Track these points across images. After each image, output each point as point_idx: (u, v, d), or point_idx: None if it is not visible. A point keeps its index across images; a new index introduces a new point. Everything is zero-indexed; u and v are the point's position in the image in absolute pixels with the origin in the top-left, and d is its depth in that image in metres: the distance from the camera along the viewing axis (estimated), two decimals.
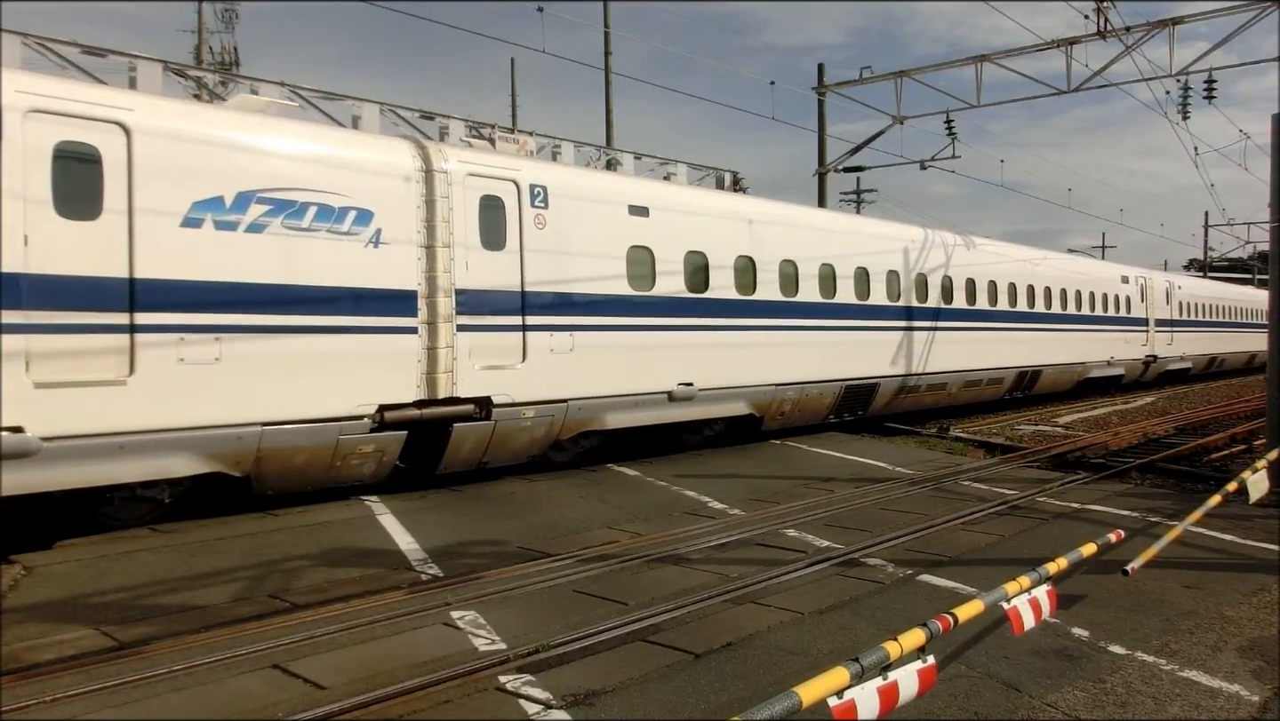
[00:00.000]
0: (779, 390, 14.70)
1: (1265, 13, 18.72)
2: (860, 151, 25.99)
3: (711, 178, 16.26)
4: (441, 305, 10.16)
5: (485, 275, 10.62)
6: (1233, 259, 63.09)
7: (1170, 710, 5.06)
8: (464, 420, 10.40)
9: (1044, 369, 22.50)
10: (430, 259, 10.12)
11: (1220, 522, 9.26)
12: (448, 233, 10.26)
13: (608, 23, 23.82)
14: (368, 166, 9.77)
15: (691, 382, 13.05)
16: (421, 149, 10.32)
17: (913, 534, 9.10)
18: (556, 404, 11.32)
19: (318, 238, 9.24)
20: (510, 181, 10.99)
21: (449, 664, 5.50)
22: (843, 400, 16.24)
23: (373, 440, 9.66)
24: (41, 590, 7.01)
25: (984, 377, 20.31)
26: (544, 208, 11.29)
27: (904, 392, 17.89)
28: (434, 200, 10.18)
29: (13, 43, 8.78)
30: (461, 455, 10.66)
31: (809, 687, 3.23)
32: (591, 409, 11.82)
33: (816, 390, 15.55)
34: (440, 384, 10.13)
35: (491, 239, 10.73)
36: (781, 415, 15.08)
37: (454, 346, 10.24)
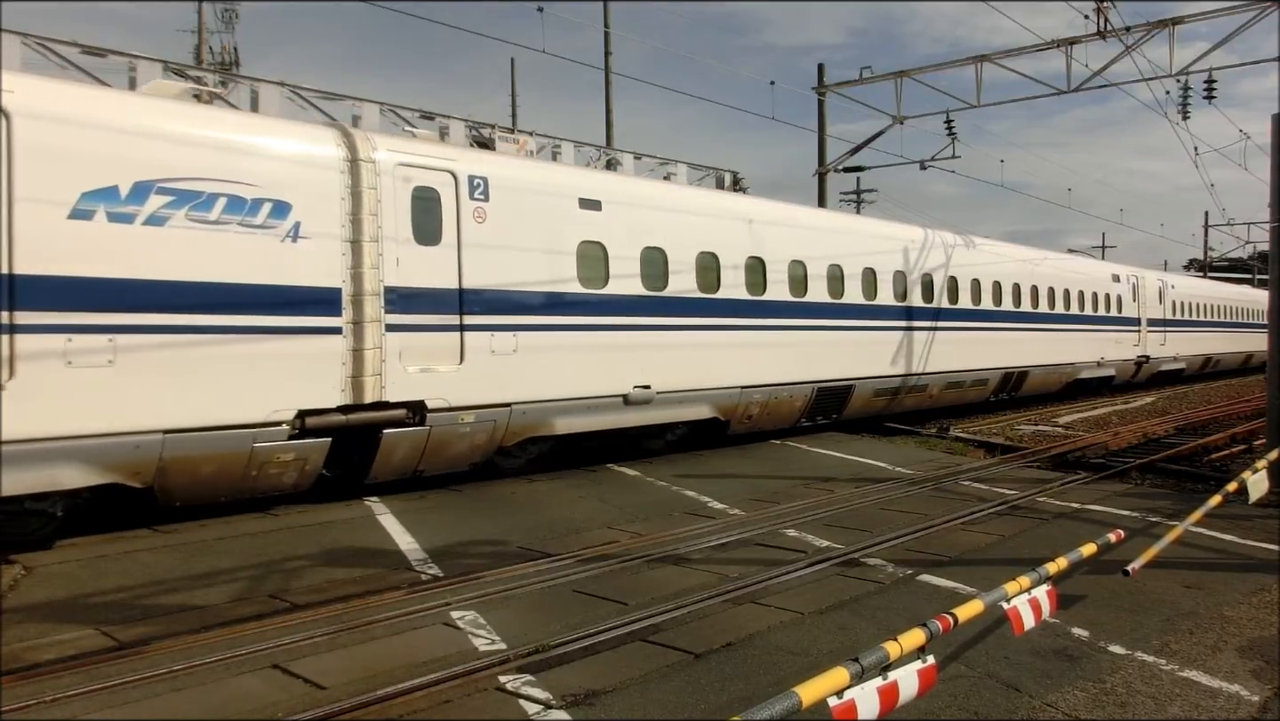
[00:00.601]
0: (745, 392, 14.10)
1: (1265, 13, 18.72)
2: (860, 151, 26.02)
3: (711, 177, 16.25)
4: (368, 304, 9.55)
5: (418, 272, 10.02)
6: (1233, 259, 63.12)
7: (1170, 710, 5.06)
8: (395, 426, 9.79)
9: (1031, 370, 22.00)
10: (356, 254, 9.51)
11: (1220, 522, 9.26)
12: (375, 226, 9.64)
13: (608, 23, 23.83)
14: (286, 155, 9.16)
15: (649, 385, 12.44)
16: (347, 137, 9.73)
17: (913, 534, 9.10)
18: (499, 408, 10.71)
19: (227, 231, 8.60)
20: (446, 172, 10.38)
21: (449, 664, 5.50)
22: (815, 403, 15.63)
23: (292, 448, 9.05)
24: (41, 590, 7.01)
25: (967, 379, 19.82)
26: (484, 200, 10.68)
27: (881, 395, 17.33)
28: (360, 192, 9.54)
29: (13, 43, 8.78)
30: (394, 463, 10.03)
31: (809, 687, 3.23)
32: (538, 413, 11.20)
33: (786, 392, 14.91)
34: (367, 387, 9.52)
35: (425, 233, 10.13)
36: (749, 419, 14.48)
37: (382, 348, 9.63)
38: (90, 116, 8.01)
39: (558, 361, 11.37)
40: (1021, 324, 21.61)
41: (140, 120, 8.31)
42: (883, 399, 17.49)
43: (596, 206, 12.01)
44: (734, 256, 13.94)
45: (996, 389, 21.15)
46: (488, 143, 12.58)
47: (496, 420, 10.74)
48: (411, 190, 10.05)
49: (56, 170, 7.73)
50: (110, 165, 8.01)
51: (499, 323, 10.74)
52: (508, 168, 11.25)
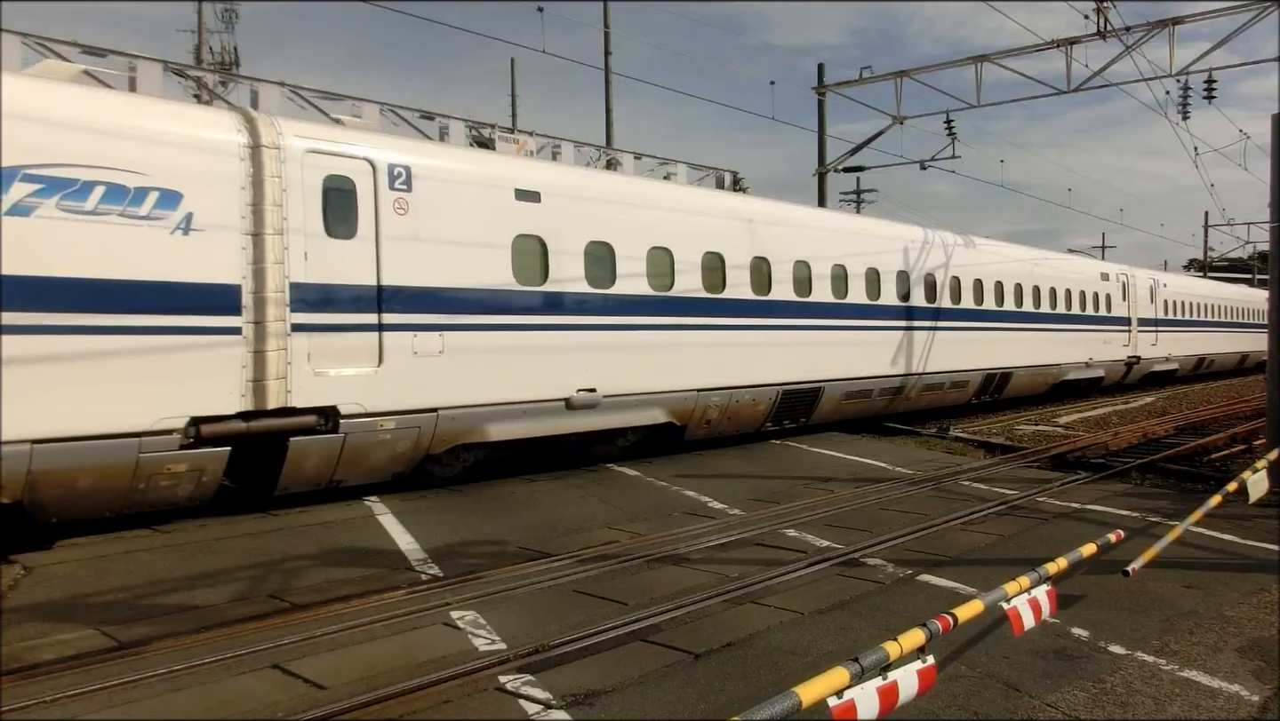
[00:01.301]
0: (702, 396, 13.38)
1: (1265, 13, 18.74)
2: (860, 151, 26.04)
3: (711, 177, 16.26)
4: (272, 301, 8.87)
5: (330, 267, 9.35)
6: (1233, 259, 63.10)
7: (1170, 710, 5.06)
8: (304, 433, 9.14)
9: (1015, 371, 21.28)
10: (258, 248, 8.82)
11: (1220, 522, 9.26)
12: (280, 218, 8.95)
13: (608, 23, 23.84)
14: (176, 140, 8.42)
15: (594, 388, 11.74)
16: (249, 121, 9.05)
17: (913, 534, 9.09)
18: (423, 413, 10.03)
19: (107, 223, 7.92)
20: (363, 160, 9.71)
21: (449, 664, 5.50)
22: (779, 406, 14.86)
23: (185, 458, 8.36)
24: (41, 590, 7.01)
25: (946, 381, 19.09)
26: (406, 190, 9.99)
27: (853, 398, 16.57)
28: (263, 180, 8.87)
29: (13, 43, 8.79)
30: (304, 473, 9.40)
31: (809, 687, 3.23)
32: (469, 419, 10.51)
33: (748, 395, 14.14)
34: (271, 392, 8.84)
35: (339, 225, 9.45)
36: (707, 423, 13.77)
37: (288, 349, 8.95)
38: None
39: (491, 363, 10.68)
40: (1004, 323, 20.96)
41: (3, 100, 7.57)
42: (854, 402, 16.79)
43: (535, 198, 11.28)
44: (691, 253, 13.30)
45: (978, 391, 20.57)
46: (488, 143, 12.60)
47: (421, 426, 10.06)
48: (323, 179, 9.38)
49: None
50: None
51: (423, 322, 10.07)
52: (433, 156, 10.58)
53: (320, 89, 11.35)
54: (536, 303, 11.24)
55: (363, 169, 9.71)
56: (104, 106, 8.21)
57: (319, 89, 11.33)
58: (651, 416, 12.76)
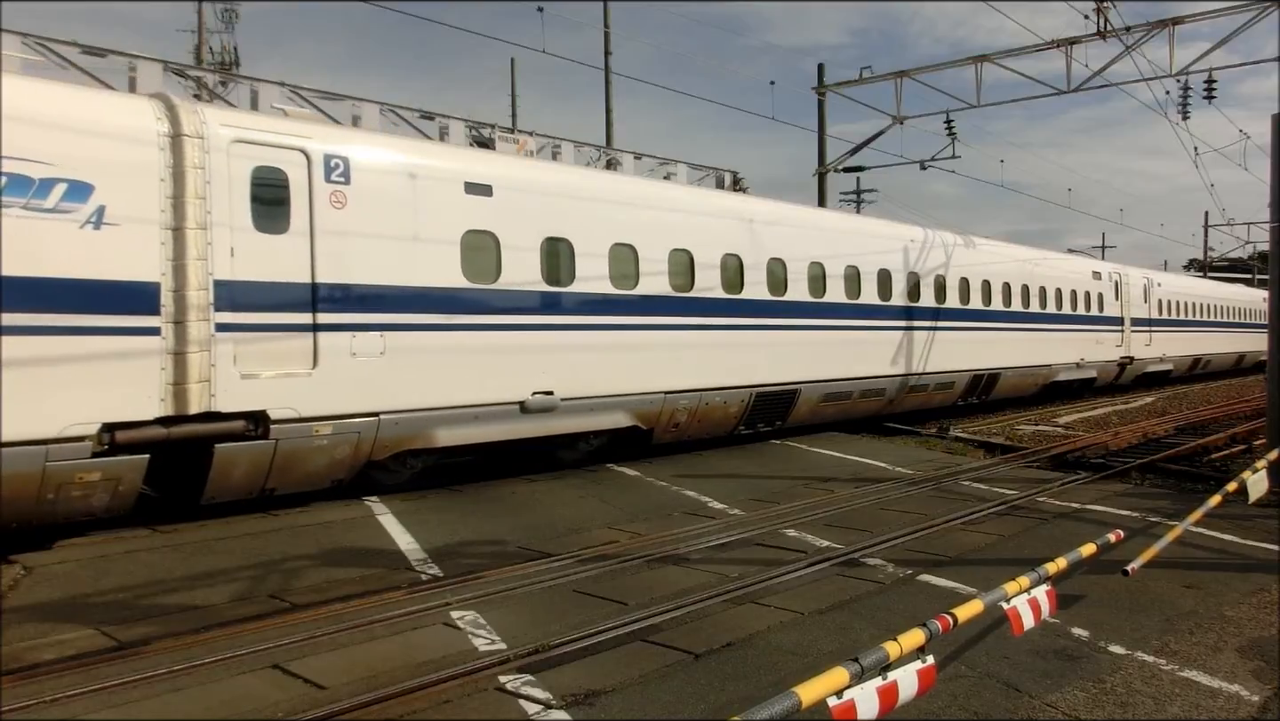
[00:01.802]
0: (670, 398, 12.87)
1: (1265, 13, 18.74)
2: (860, 151, 26.05)
3: (711, 177, 16.27)
4: (194, 300, 8.36)
5: (259, 263, 8.86)
6: (1233, 259, 63.10)
7: (1170, 710, 5.06)
8: (231, 439, 8.67)
9: (1003, 372, 20.78)
10: (179, 243, 8.31)
11: (1220, 522, 9.26)
12: (203, 211, 8.45)
13: (608, 23, 23.84)
14: (87, 128, 7.93)
15: (551, 391, 11.24)
16: (170, 108, 8.50)
17: (913, 534, 9.10)
18: (364, 418, 9.55)
19: (7, 216, 7.45)
20: (296, 150, 9.20)
21: (449, 664, 5.50)
22: (752, 409, 14.35)
23: (99, 466, 7.87)
24: (41, 590, 7.02)
25: (931, 382, 18.54)
26: (344, 183, 9.47)
27: (831, 400, 16.01)
28: (184, 171, 8.35)
29: (13, 43, 8.79)
30: (233, 481, 8.91)
31: (809, 687, 3.23)
32: (414, 423, 10.02)
33: (718, 398, 13.65)
34: (193, 396, 8.36)
35: (269, 220, 8.97)
36: (675, 427, 13.32)
37: (211, 350, 8.47)
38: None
39: (438, 365, 10.19)
40: (992, 323, 20.46)
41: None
42: (833, 405, 16.22)
43: (486, 192, 10.74)
44: (657, 250, 12.78)
45: (965, 392, 20.07)
46: (488, 142, 12.60)
47: (361, 432, 9.57)
48: (251, 170, 8.88)
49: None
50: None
51: (362, 321, 9.57)
52: (373, 147, 10.06)
53: (320, 89, 11.35)
54: (488, 302, 10.72)
55: (295, 160, 9.21)
56: (7, 90, 7.65)
57: (319, 89, 11.34)
58: (615, 420, 12.28)
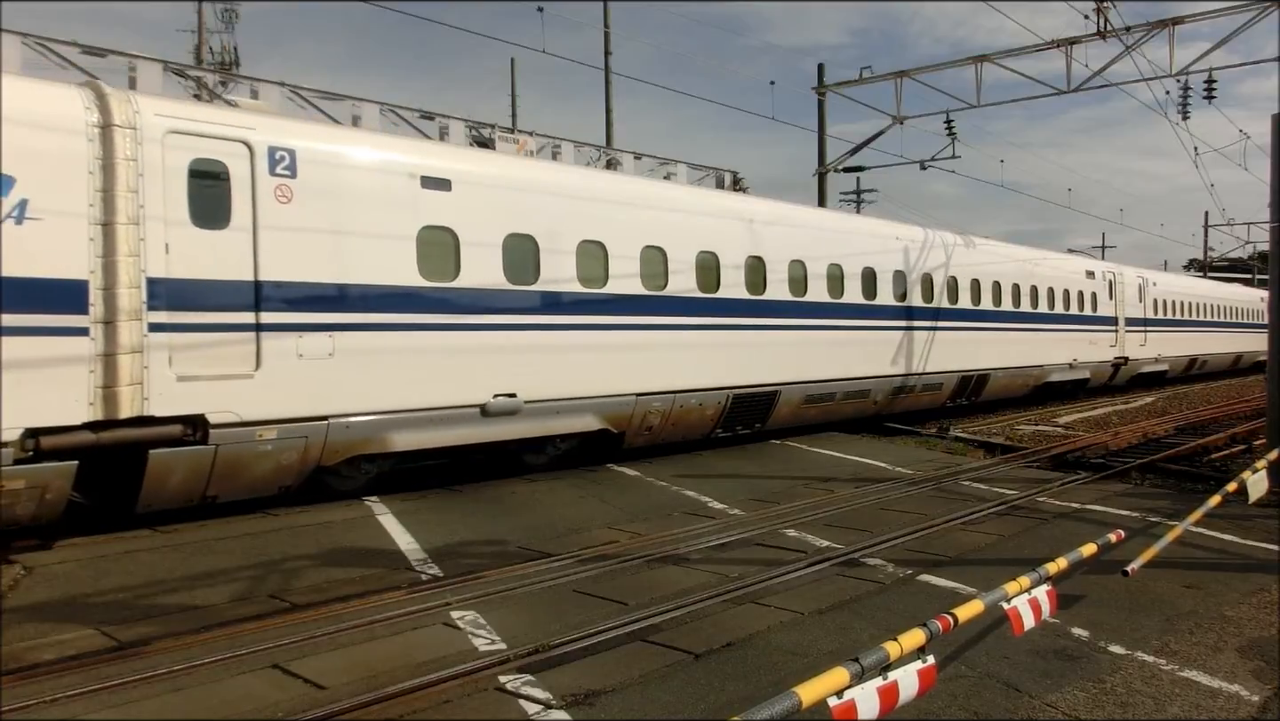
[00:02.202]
0: (641, 401, 12.45)
1: (1265, 13, 18.74)
2: (860, 151, 26.05)
3: (711, 177, 16.27)
4: (125, 298, 7.97)
5: (197, 260, 8.47)
6: (1233, 259, 63.12)
7: (1170, 710, 5.06)
8: (167, 444, 8.27)
9: (992, 373, 20.34)
10: (109, 239, 7.93)
11: (1220, 522, 9.26)
12: (135, 206, 8.06)
13: (608, 22, 23.84)
14: (7, 116, 7.56)
15: (514, 393, 10.86)
16: (100, 97, 8.13)
17: (913, 534, 9.10)
18: (311, 422, 9.18)
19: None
20: (238, 142, 8.81)
21: (449, 664, 5.50)
22: (730, 411, 13.95)
23: (23, 474, 7.50)
24: (41, 590, 7.02)
25: (918, 383, 18.17)
26: (290, 176, 9.09)
27: (814, 402, 15.58)
28: (115, 163, 7.98)
29: (13, 43, 8.79)
30: (171, 488, 8.52)
31: (809, 687, 3.23)
32: (366, 427, 9.65)
33: (694, 400, 13.25)
34: (124, 400, 7.96)
35: (208, 214, 8.57)
36: (648, 430, 12.85)
37: (144, 351, 8.08)
38: None
39: (392, 367, 9.84)
40: (982, 323, 20.05)
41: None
42: (816, 407, 15.77)
43: (444, 186, 10.35)
44: (628, 247, 12.34)
45: (953, 394, 19.66)
46: (487, 142, 12.60)
47: (309, 436, 9.20)
48: (189, 163, 8.49)
49: None
50: None
51: (309, 321, 9.18)
52: (322, 139, 9.63)
53: (320, 89, 11.35)
54: (446, 301, 10.33)
55: (237, 152, 8.83)
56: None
57: (319, 89, 11.34)
58: (583, 423, 11.86)
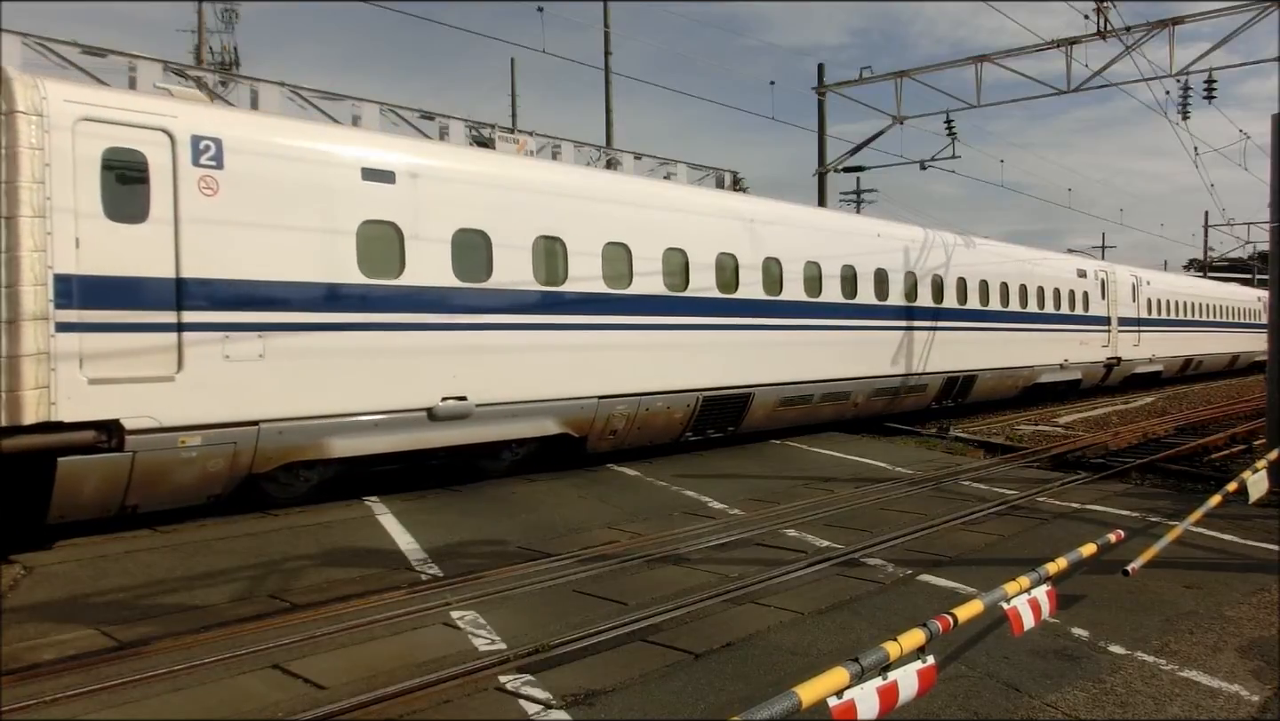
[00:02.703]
0: (605, 404, 11.98)
1: (1265, 13, 18.74)
2: (860, 151, 26.05)
3: (711, 177, 16.27)
4: (28, 297, 7.51)
5: (111, 256, 8.01)
6: (1233, 259, 63.13)
7: (1170, 710, 5.06)
8: (77, 451, 7.81)
9: (980, 374, 19.87)
10: (11, 233, 7.49)
11: (1220, 522, 9.26)
12: (41, 197, 7.61)
13: (608, 22, 23.83)
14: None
15: (465, 396, 10.36)
16: (1, 81, 7.69)
17: (913, 534, 9.10)
18: (240, 427, 8.69)
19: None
20: (158, 131, 8.33)
21: (449, 664, 5.51)
22: (700, 414, 13.47)
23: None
24: (41, 590, 7.02)
25: (901, 385, 17.64)
26: (215, 167, 8.59)
27: (790, 404, 15.08)
28: (17, 152, 7.54)
29: (13, 43, 8.79)
30: (84, 498, 8.04)
31: (809, 687, 3.23)
32: (302, 433, 9.16)
33: (661, 402, 12.75)
34: (28, 404, 7.49)
35: (124, 207, 8.10)
36: (612, 434, 12.36)
37: (51, 353, 7.62)
38: None
39: (329, 369, 9.33)
40: (968, 323, 19.55)
41: None
42: (792, 409, 15.27)
43: (388, 179, 9.88)
44: (589, 243, 11.83)
45: (939, 395, 19.20)
46: (487, 142, 12.60)
47: (238, 442, 8.70)
48: (103, 152, 8.04)
49: None
50: None
51: (237, 321, 8.69)
52: (251, 127, 9.10)
53: (321, 89, 11.35)
54: (390, 299, 9.84)
55: (157, 141, 8.33)
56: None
57: (319, 89, 11.34)
58: (541, 427, 11.36)
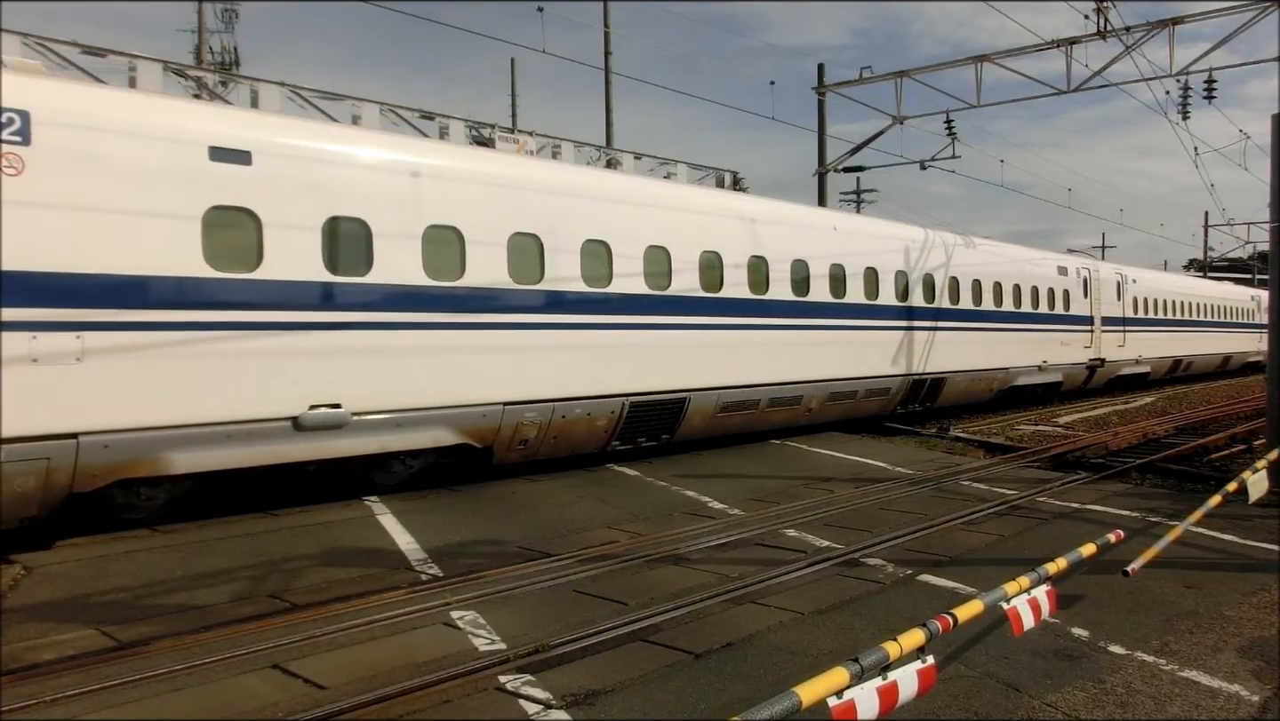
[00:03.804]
0: (512, 411, 10.90)
1: (1266, 13, 18.74)
2: (860, 151, 26.07)
3: (711, 177, 16.26)
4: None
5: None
6: (1233, 259, 63.17)
7: (1170, 710, 5.06)
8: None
9: (949, 376, 18.83)
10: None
11: (1220, 522, 9.27)
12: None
13: (608, 22, 23.84)
14: None
15: (338, 404, 9.36)
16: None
17: (913, 534, 9.10)
18: (55, 440, 7.69)
19: None
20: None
21: (449, 664, 5.51)
22: (626, 421, 12.40)
23: None
24: (41, 590, 7.02)
25: (860, 388, 16.51)
26: (20, 143, 7.66)
27: (732, 410, 14.01)
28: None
29: (13, 43, 8.79)
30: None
31: (809, 687, 3.23)
32: (134, 446, 8.13)
33: (580, 409, 11.65)
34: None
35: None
36: (522, 444, 11.28)
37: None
38: None
39: (168, 373, 8.36)
40: (937, 321, 18.49)
41: None
42: (736, 415, 14.21)
43: (242, 159, 8.90)
44: (489, 233, 10.80)
45: (904, 399, 18.10)
46: (487, 142, 12.58)
47: (52, 458, 7.68)
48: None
49: None
50: None
51: (48, 319, 7.71)
52: (68, 98, 8.10)
53: (321, 89, 11.34)
54: (242, 294, 8.85)
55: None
56: None
57: (320, 89, 11.33)
58: (435, 437, 10.32)
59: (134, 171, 8.28)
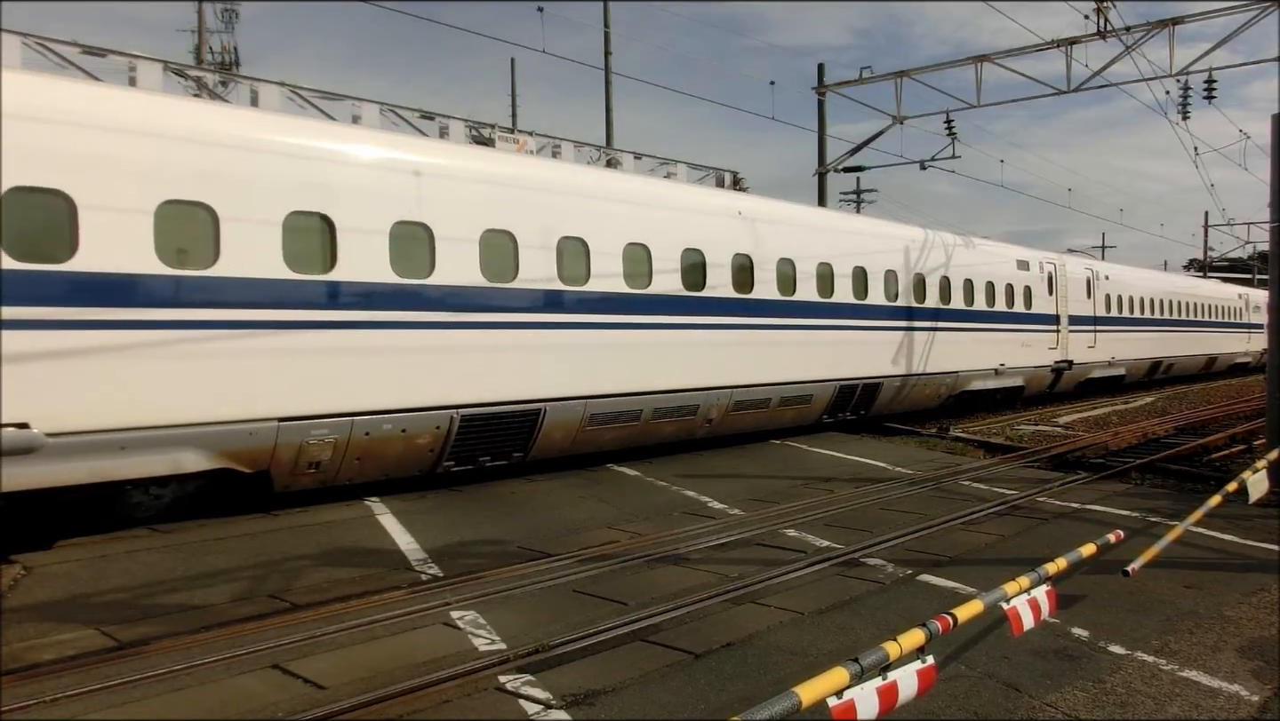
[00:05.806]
0: (292, 429, 8.92)
1: (1266, 13, 18.74)
2: (860, 151, 26.06)
3: (711, 177, 16.26)
4: None
5: None
6: (1233, 259, 63.18)
7: (1170, 710, 5.06)
8: None
9: (884, 381, 17.07)
10: None
11: (1220, 522, 9.26)
12: None
13: (608, 22, 23.83)
14: None
15: (26, 423, 7.35)
16: None
17: (913, 534, 9.10)
18: None
19: None
20: None
21: (449, 664, 5.51)
22: (456, 439, 10.39)
23: None
24: (41, 590, 7.01)
25: (774, 395, 14.62)
26: None
27: (605, 422, 12.05)
28: None
29: (13, 43, 8.79)
30: None
31: (809, 687, 3.23)
32: None
33: (392, 425, 9.66)
34: None
35: None
36: (314, 468, 9.32)
37: None
38: None
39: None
40: (870, 320, 16.70)
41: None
42: (610, 429, 12.23)
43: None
44: (262, 209, 8.84)
45: (830, 407, 16.27)
46: (487, 142, 12.59)
47: None
48: None
49: None
50: None
51: None
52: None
53: (321, 89, 11.34)
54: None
55: None
56: None
57: (320, 89, 11.33)
58: (178, 462, 8.28)
59: None
